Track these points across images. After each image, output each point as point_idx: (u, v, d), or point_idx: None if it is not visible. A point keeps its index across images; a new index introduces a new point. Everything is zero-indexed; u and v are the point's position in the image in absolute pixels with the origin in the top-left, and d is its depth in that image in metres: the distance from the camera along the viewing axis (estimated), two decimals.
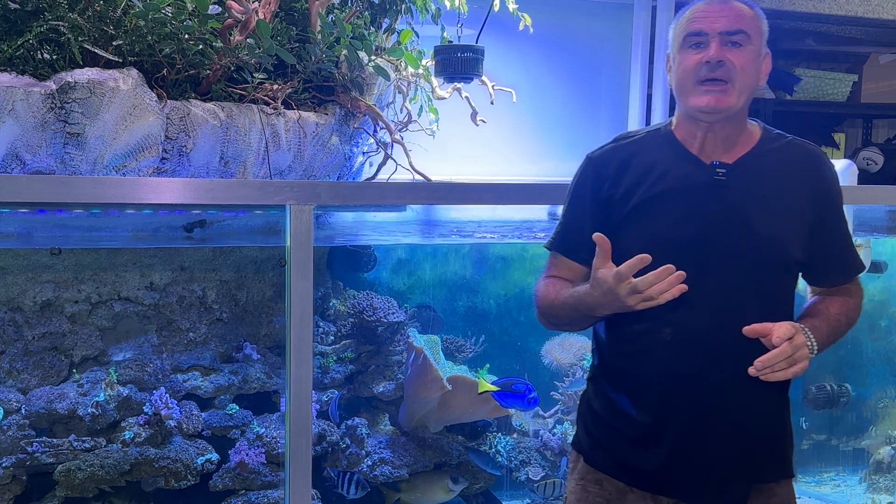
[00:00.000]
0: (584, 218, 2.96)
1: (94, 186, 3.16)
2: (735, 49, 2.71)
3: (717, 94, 2.72)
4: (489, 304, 5.63)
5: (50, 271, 4.42)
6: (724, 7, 2.74)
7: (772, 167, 2.82)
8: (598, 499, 2.99)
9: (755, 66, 2.76)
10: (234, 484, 4.54)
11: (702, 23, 2.74)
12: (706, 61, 2.71)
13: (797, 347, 2.59)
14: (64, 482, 4.27)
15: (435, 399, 4.85)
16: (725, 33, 2.71)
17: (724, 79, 2.71)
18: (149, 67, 3.52)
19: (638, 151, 2.93)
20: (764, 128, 2.93)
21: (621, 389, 2.94)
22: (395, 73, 4.30)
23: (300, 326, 3.40)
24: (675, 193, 2.81)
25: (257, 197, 3.33)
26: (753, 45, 2.74)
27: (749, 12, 2.76)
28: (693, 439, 2.82)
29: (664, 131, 2.95)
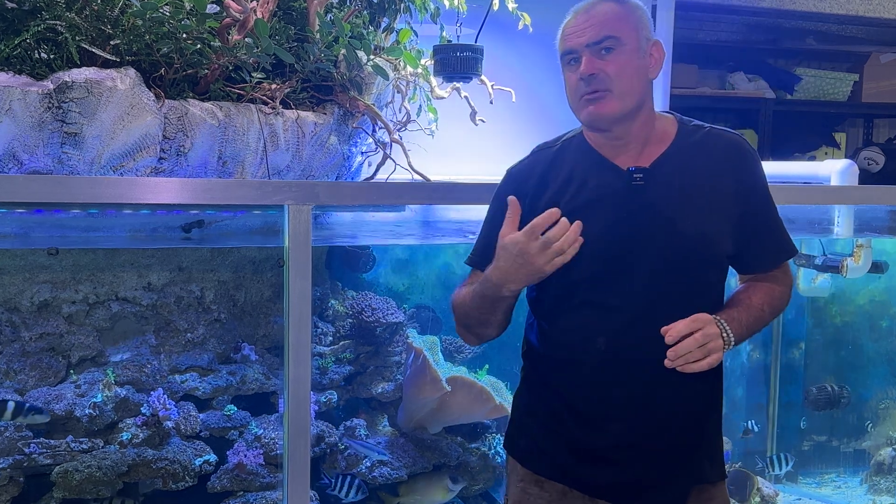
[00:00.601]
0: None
1: (92, 186, 3.15)
2: (607, 56, 2.70)
3: (596, 102, 2.72)
4: None
5: (47, 272, 4.41)
6: (589, 16, 2.73)
7: (691, 162, 2.80)
8: (539, 500, 2.99)
9: (634, 64, 2.72)
10: (233, 485, 4.53)
11: (570, 40, 2.76)
12: (580, 78, 2.73)
13: (708, 337, 2.59)
14: (61, 483, 4.26)
15: (434, 400, 4.85)
16: (593, 44, 2.71)
17: (599, 88, 2.71)
18: (146, 67, 3.51)
19: (557, 162, 2.96)
20: (680, 121, 2.90)
21: (556, 396, 2.94)
22: (393, 72, 4.28)
23: (298, 327, 3.40)
24: (595, 203, 2.81)
25: (255, 197, 3.32)
26: (627, 44, 2.71)
27: (617, 11, 2.73)
28: (630, 444, 2.83)
29: (578, 139, 2.95)
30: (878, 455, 5.92)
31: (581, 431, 2.88)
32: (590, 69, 2.69)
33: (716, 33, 7.07)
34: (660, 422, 2.80)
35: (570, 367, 2.88)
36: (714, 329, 2.62)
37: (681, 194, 2.76)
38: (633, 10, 2.76)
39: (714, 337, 2.61)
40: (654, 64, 2.78)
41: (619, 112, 2.72)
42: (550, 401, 2.96)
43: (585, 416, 2.87)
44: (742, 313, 2.76)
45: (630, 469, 2.84)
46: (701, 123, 2.90)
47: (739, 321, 2.72)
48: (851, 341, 6.06)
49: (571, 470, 2.92)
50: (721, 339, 2.63)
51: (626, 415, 2.80)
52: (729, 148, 2.84)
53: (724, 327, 2.66)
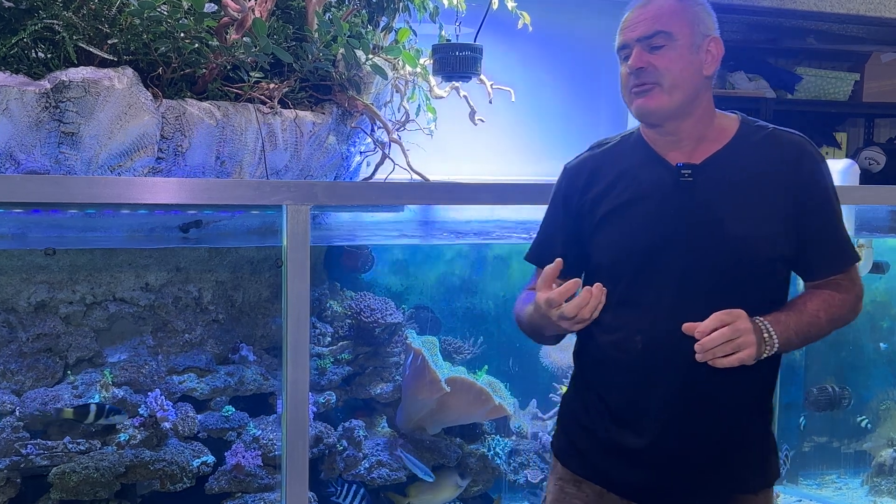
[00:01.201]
0: (556, 229, 3.02)
1: (89, 186, 3.15)
2: (657, 51, 2.69)
3: (643, 96, 2.73)
4: (487, 304, 5.61)
5: (44, 272, 4.40)
6: (643, 10, 2.73)
7: (747, 162, 2.76)
8: (576, 500, 2.98)
9: (685, 60, 2.70)
10: (231, 486, 4.51)
11: (624, 34, 2.77)
12: (629, 72, 2.75)
13: (738, 332, 2.52)
14: (58, 485, 4.24)
15: (433, 401, 4.84)
16: (643, 38, 2.70)
17: (647, 82, 2.71)
18: (144, 66, 3.50)
19: (610, 158, 2.94)
20: (742, 121, 2.85)
21: (596, 396, 2.93)
22: (392, 71, 4.28)
23: (297, 328, 3.39)
24: (642, 199, 2.80)
25: (254, 197, 3.32)
26: (679, 39, 2.69)
27: (672, 5, 2.72)
28: (667, 448, 2.80)
29: (636, 135, 2.94)
30: (878, 456, 5.91)
31: (617, 432, 2.86)
32: (638, 63, 2.70)
33: None
34: (696, 426, 2.77)
35: (608, 367, 2.88)
36: (745, 325, 2.54)
37: (731, 194, 2.73)
38: (691, 6, 2.75)
39: (745, 332, 2.53)
40: (710, 60, 2.76)
41: (666, 106, 2.71)
42: (589, 400, 2.96)
43: (621, 416, 2.85)
44: (791, 317, 2.67)
45: (664, 473, 2.82)
46: (765, 124, 2.84)
47: (787, 324, 2.64)
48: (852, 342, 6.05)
49: (606, 471, 2.92)
50: (755, 336, 2.55)
51: (661, 416, 2.77)
52: (789, 149, 2.77)
53: (767, 327, 2.59)
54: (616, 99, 6.21)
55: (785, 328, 2.63)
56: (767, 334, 2.58)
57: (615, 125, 6.05)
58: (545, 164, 5.79)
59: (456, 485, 5.00)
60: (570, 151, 2.79)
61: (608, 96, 6.12)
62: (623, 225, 2.80)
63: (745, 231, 2.69)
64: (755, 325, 2.57)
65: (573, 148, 5.82)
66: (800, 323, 2.67)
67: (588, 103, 6.01)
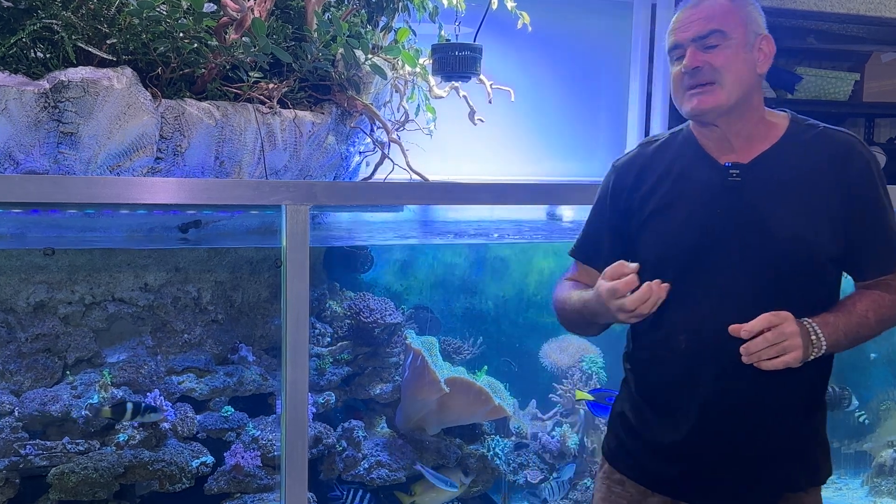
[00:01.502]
0: (602, 227, 3.02)
1: (88, 186, 3.15)
2: (712, 50, 2.69)
3: (700, 95, 2.72)
4: (487, 305, 5.62)
5: (43, 272, 4.39)
6: (696, 10, 2.74)
7: (795, 162, 2.75)
8: (621, 500, 3.01)
9: (740, 58, 2.71)
10: (230, 487, 4.50)
11: (677, 34, 2.77)
12: (684, 72, 2.73)
13: (783, 336, 2.51)
14: (57, 485, 4.23)
15: (433, 401, 4.83)
16: (697, 38, 2.71)
17: (704, 81, 2.71)
18: (143, 66, 3.49)
19: (659, 156, 2.94)
20: (792, 120, 2.85)
21: (642, 395, 2.96)
22: (392, 71, 4.27)
23: (296, 328, 3.39)
24: (689, 197, 2.82)
25: (253, 197, 3.32)
26: (734, 38, 2.70)
27: (725, 4, 2.72)
28: (709, 446, 2.81)
29: (685, 132, 2.94)
30: (879, 457, 5.90)
31: (660, 431, 2.89)
32: (694, 62, 2.70)
33: None
34: (738, 425, 2.78)
35: (653, 366, 2.91)
36: (792, 328, 2.53)
37: (779, 194, 2.72)
38: (743, 5, 2.75)
39: (792, 336, 2.52)
40: (762, 59, 2.77)
41: (724, 104, 2.71)
42: (635, 399, 2.99)
43: (664, 414, 2.88)
44: (840, 318, 2.65)
45: (707, 471, 2.84)
46: (815, 123, 2.83)
47: (835, 325, 2.62)
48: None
49: (650, 470, 2.94)
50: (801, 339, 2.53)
51: (703, 416, 2.79)
52: (838, 148, 2.75)
53: (814, 329, 2.58)
54: (616, 98, 6.26)
55: (833, 329, 2.62)
56: (815, 336, 2.58)
57: (615, 125, 6.05)
58: (545, 164, 5.79)
59: (460, 482, 5.00)
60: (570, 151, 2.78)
61: (608, 96, 6.11)
62: (670, 223, 2.83)
63: (793, 231, 2.69)
64: (802, 327, 2.56)
65: (573, 148, 5.85)
66: (849, 324, 2.66)
67: (588, 103, 6.01)
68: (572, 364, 5.49)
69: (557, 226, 5.14)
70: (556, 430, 5.35)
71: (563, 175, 5.87)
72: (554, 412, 5.45)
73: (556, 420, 5.43)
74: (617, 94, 6.09)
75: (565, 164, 5.89)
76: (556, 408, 5.46)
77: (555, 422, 5.42)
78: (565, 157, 5.92)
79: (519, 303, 5.67)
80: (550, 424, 5.40)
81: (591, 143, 6.05)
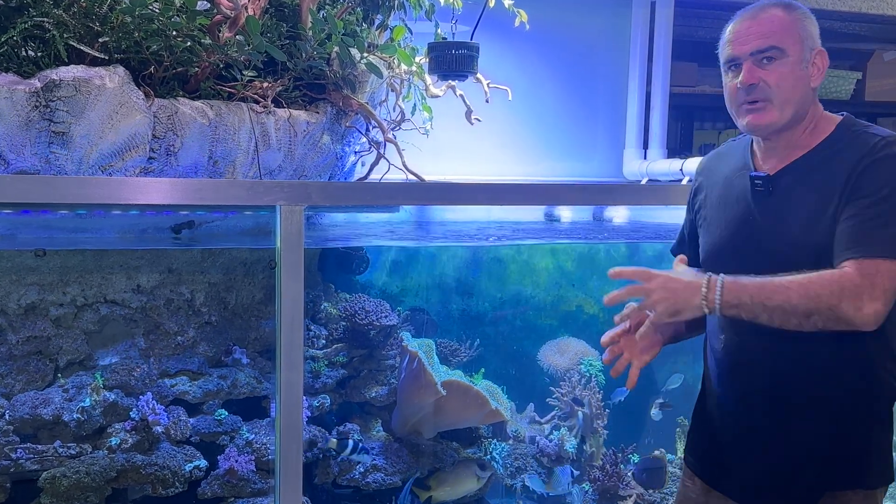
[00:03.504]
0: (685, 225, 3.26)
1: (80, 187, 3.12)
2: (769, 66, 2.75)
3: (755, 112, 2.77)
4: (484, 306, 5.61)
5: (34, 273, 4.36)
6: (754, 23, 2.78)
7: (820, 168, 2.76)
8: (690, 493, 3.16)
9: (795, 75, 2.75)
10: (224, 491, 4.49)
11: (734, 47, 2.81)
12: (740, 87, 2.78)
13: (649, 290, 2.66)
14: (49, 489, 4.21)
15: (429, 404, 4.82)
16: (756, 53, 2.75)
17: (759, 99, 2.76)
18: (136, 65, 3.47)
19: (721, 160, 3.10)
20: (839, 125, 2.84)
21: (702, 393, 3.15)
22: (387, 70, 4.27)
23: (291, 330, 3.37)
24: (730, 204, 2.93)
25: (247, 197, 3.29)
26: (790, 55, 2.74)
27: (784, 19, 2.77)
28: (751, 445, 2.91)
29: (748, 138, 3.01)
30: None
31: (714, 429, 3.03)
32: (750, 79, 2.75)
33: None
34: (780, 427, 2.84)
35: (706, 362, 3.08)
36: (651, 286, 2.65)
37: (801, 202, 2.76)
38: (800, 19, 2.80)
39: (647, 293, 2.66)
40: (816, 73, 2.82)
41: (777, 122, 2.76)
42: (700, 398, 3.16)
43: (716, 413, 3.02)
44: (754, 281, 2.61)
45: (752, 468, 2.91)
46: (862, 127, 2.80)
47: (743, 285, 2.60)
48: None
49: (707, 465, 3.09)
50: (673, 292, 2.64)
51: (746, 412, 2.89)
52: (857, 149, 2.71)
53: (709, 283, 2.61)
54: (614, 97, 6.23)
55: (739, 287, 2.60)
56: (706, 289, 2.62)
57: (613, 124, 6.04)
58: (542, 164, 5.78)
59: (476, 476, 5.03)
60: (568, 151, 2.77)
61: (606, 95, 6.11)
62: (713, 228, 2.98)
63: (806, 239, 2.71)
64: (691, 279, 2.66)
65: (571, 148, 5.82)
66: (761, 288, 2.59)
67: (586, 103, 6.01)
68: (571, 366, 5.48)
69: (555, 227, 5.13)
70: (554, 434, 5.33)
71: (560, 175, 5.87)
72: (552, 415, 5.44)
73: (553, 423, 5.42)
74: (616, 94, 6.09)
75: (563, 164, 5.88)
76: (553, 411, 5.44)
77: (553, 425, 5.41)
78: (563, 157, 5.91)
79: (516, 304, 5.66)
80: (548, 428, 5.39)
81: (589, 143, 6.04)
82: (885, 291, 2.53)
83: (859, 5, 6.14)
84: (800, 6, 2.81)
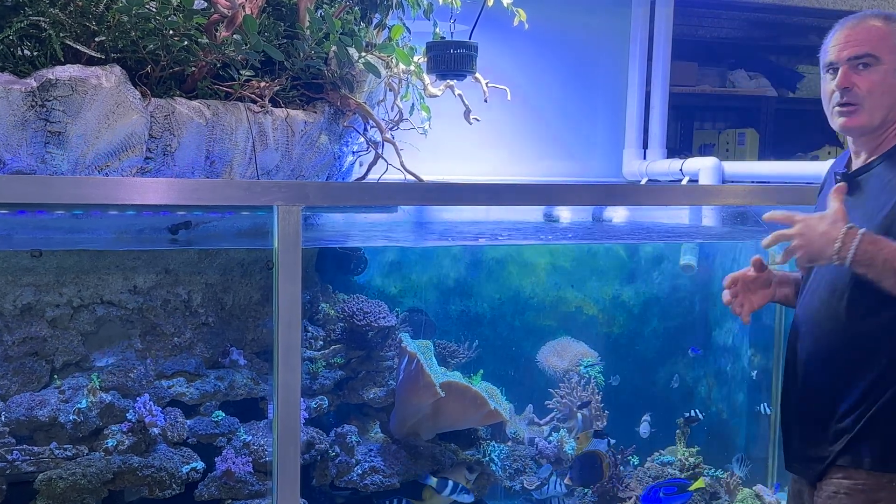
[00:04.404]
0: None
1: (76, 187, 3.12)
2: (863, 72, 2.94)
3: (847, 115, 2.99)
4: (483, 307, 5.60)
5: (30, 274, 4.34)
6: (854, 30, 2.99)
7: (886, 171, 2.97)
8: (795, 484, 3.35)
9: (888, 82, 2.93)
10: (221, 493, 4.47)
11: (833, 52, 3.02)
12: (835, 89, 3.00)
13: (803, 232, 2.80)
14: (45, 491, 4.19)
15: (427, 406, 4.81)
16: (853, 58, 2.95)
17: (852, 102, 2.96)
18: (132, 64, 3.47)
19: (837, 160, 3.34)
20: None
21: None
22: (385, 70, 4.26)
23: (288, 331, 3.36)
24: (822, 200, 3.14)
25: (244, 197, 3.30)
26: (885, 63, 2.92)
27: (881, 29, 2.95)
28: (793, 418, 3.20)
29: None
30: None
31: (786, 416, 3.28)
32: (844, 83, 2.96)
33: (716, 30, 7.08)
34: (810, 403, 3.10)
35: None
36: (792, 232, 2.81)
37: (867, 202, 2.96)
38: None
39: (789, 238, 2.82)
40: None
41: (867, 126, 2.97)
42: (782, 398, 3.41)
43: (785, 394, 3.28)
44: (890, 243, 2.75)
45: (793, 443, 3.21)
46: None
47: (879, 245, 2.73)
48: None
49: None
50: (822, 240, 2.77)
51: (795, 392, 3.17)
52: None
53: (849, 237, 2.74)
54: (614, 97, 6.23)
55: (876, 249, 2.73)
56: (841, 243, 2.74)
57: (613, 124, 6.04)
58: (541, 164, 5.78)
59: (465, 478, 5.01)
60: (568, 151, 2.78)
61: (605, 95, 6.10)
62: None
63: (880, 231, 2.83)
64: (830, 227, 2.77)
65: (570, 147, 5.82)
66: (892, 251, 2.74)
67: (585, 102, 6.01)
68: (570, 368, 5.48)
69: (554, 227, 5.12)
70: (553, 436, 5.32)
71: (560, 175, 5.87)
72: (550, 417, 5.43)
73: (553, 425, 5.41)
74: (615, 94, 6.09)
75: (562, 164, 5.88)
76: (552, 413, 5.43)
77: (552, 427, 5.40)
78: (562, 157, 5.91)
79: (515, 305, 5.65)
80: (547, 429, 5.38)
81: (588, 143, 6.04)
82: None
83: (860, 4, 6.14)
84: None
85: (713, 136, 7.45)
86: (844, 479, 2.98)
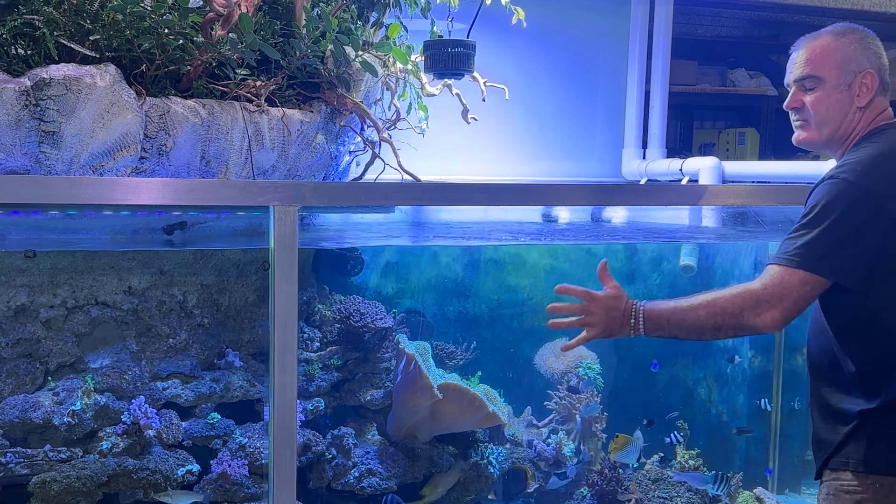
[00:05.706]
0: None
1: (70, 187, 3.11)
2: (808, 92, 3.14)
3: (798, 130, 3.23)
4: (481, 308, 5.58)
5: (24, 275, 4.34)
6: (798, 54, 3.18)
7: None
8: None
9: (832, 99, 3.09)
10: (216, 496, 4.47)
11: (787, 74, 3.23)
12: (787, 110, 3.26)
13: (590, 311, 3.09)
14: (39, 494, 4.18)
15: (425, 408, 4.81)
16: (798, 80, 3.16)
17: (802, 119, 3.20)
18: (127, 63, 3.47)
19: None
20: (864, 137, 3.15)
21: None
22: (382, 68, 4.26)
23: (284, 332, 3.35)
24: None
25: (240, 197, 3.29)
26: (827, 81, 3.09)
27: (827, 47, 3.11)
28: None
29: None
30: None
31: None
32: (792, 103, 3.19)
33: (716, 28, 7.08)
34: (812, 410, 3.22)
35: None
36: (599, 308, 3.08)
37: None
38: (844, 46, 3.11)
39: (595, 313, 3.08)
40: (864, 92, 3.09)
41: (816, 140, 3.19)
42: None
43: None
44: (669, 305, 3.03)
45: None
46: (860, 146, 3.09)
47: (660, 312, 3.02)
48: None
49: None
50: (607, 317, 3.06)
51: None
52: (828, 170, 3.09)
53: (636, 313, 3.03)
54: (613, 97, 6.21)
55: (657, 315, 3.03)
56: (634, 320, 3.03)
57: (612, 124, 6.03)
58: (540, 164, 5.76)
59: (460, 469, 5.06)
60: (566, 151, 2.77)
61: (605, 94, 6.09)
62: None
63: None
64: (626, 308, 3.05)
65: (569, 147, 5.79)
66: (674, 311, 3.02)
67: (584, 102, 6.00)
68: (568, 370, 5.46)
69: (552, 227, 5.10)
70: (552, 438, 5.31)
71: (558, 175, 5.86)
72: (549, 419, 5.42)
73: (551, 427, 5.40)
74: (614, 93, 6.08)
75: (561, 163, 5.87)
76: (551, 415, 5.42)
77: (551, 429, 5.39)
78: (561, 157, 5.90)
79: (514, 306, 5.63)
80: (546, 431, 5.37)
81: (587, 143, 6.03)
82: (781, 299, 2.89)
83: (861, 2, 6.15)
84: (854, 30, 3.14)
85: (713, 135, 7.44)
86: (834, 480, 3.07)
